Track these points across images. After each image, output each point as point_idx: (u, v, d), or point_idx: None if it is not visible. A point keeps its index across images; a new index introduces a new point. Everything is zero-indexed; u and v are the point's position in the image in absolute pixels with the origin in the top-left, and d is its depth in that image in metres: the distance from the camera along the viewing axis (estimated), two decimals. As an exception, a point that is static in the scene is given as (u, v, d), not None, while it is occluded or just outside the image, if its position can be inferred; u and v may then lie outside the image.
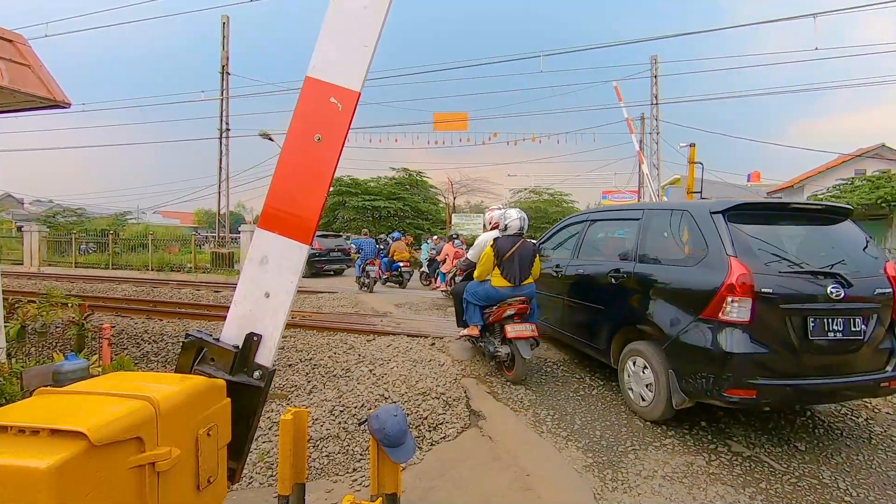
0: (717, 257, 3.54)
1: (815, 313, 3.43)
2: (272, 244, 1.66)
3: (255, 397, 1.62)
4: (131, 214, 35.77)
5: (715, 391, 3.49)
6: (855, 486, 3.44)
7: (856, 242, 3.90)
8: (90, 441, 0.99)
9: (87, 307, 6.86)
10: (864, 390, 3.75)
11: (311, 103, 1.66)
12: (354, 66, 1.63)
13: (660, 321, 3.91)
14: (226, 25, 20.59)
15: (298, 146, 1.67)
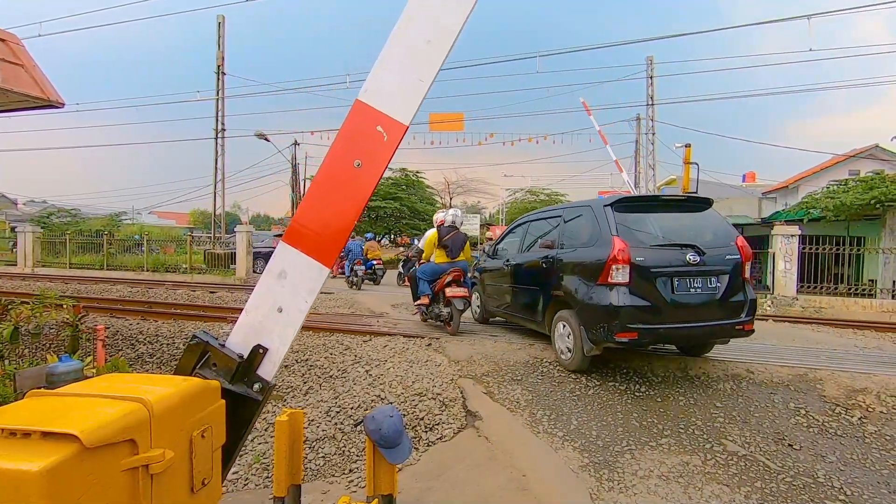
0: (606, 238, 4.75)
1: (678, 275, 4.64)
2: (293, 260, 1.64)
3: (250, 409, 1.60)
4: (126, 215, 35.60)
5: (609, 336, 4.57)
6: (849, 484, 3.46)
7: (716, 224, 5.14)
8: (83, 443, 0.98)
9: (82, 308, 6.81)
10: (725, 332, 4.92)
11: (357, 127, 1.62)
12: (407, 100, 1.61)
13: (573, 290, 5.07)
14: (221, 25, 20.53)
15: (337, 168, 1.64)
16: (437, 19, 1.57)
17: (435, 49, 1.58)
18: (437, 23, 1.57)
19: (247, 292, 12.53)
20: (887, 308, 11.05)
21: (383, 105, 1.60)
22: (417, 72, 1.59)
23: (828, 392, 4.72)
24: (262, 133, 23.37)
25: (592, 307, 4.74)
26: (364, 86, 1.63)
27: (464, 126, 22.08)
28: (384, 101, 1.60)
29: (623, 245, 4.58)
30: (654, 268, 4.60)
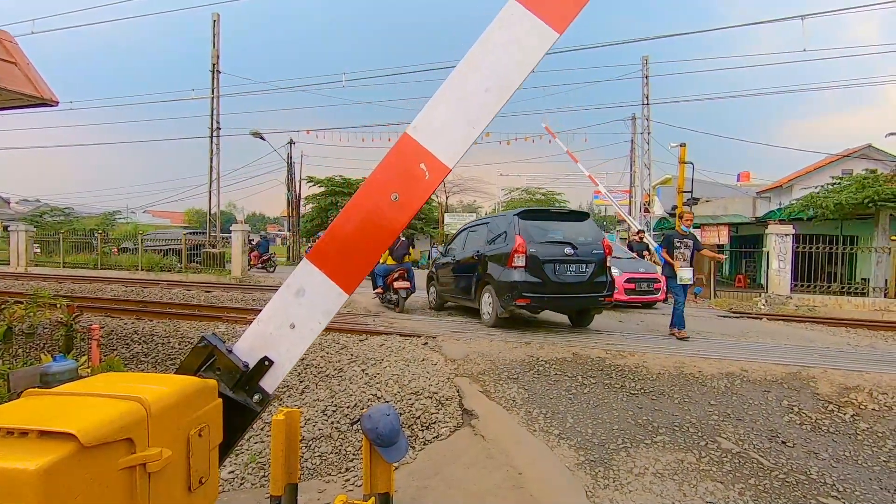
0: (512, 236, 6.92)
1: (559, 262, 6.87)
2: (314, 280, 1.63)
3: (246, 418, 1.59)
4: (121, 214, 35.36)
5: (512, 302, 6.74)
6: (841, 480, 3.49)
7: (589, 230, 7.49)
8: (80, 442, 0.98)
9: (76, 308, 6.77)
10: (592, 302, 7.19)
11: (400, 161, 1.61)
12: (455, 143, 1.59)
13: (492, 273, 7.22)
14: (216, 23, 20.42)
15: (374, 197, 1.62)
16: (500, 71, 1.55)
17: (492, 98, 1.56)
18: (498, 74, 1.55)
19: (242, 291, 12.48)
20: (879, 306, 11.14)
21: (430, 144, 1.58)
22: (470, 118, 1.57)
23: (821, 390, 4.77)
24: (258, 132, 23.29)
25: (503, 283, 6.93)
26: (414, 121, 1.61)
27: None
28: (432, 140, 1.58)
29: (522, 241, 6.80)
30: (542, 256, 6.79)
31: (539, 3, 1.49)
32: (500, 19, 1.55)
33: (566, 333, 7.09)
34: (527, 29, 1.51)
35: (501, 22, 1.54)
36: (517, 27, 1.51)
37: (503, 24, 1.54)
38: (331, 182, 28.73)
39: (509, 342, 6.21)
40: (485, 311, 7.55)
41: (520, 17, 1.50)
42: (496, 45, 1.54)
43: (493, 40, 1.55)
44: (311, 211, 29.89)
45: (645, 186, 23.35)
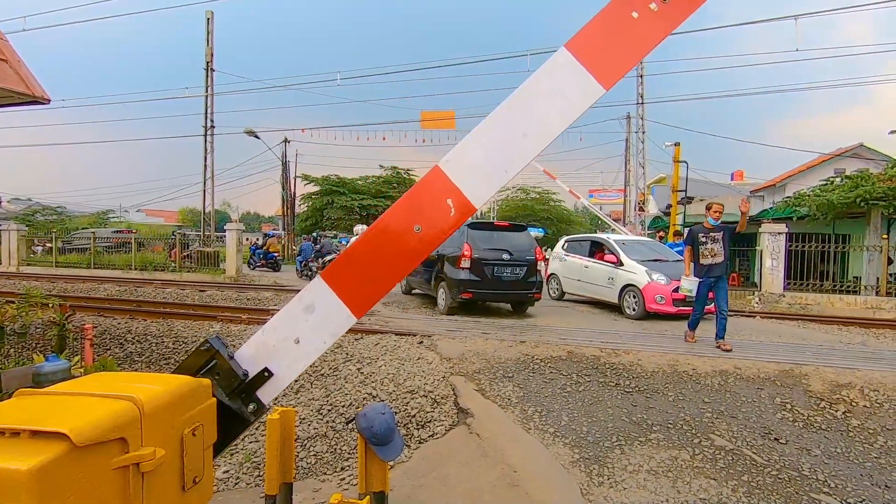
0: (461, 242, 8.52)
1: (498, 265, 8.56)
2: (326, 299, 1.60)
3: (238, 426, 1.58)
4: (114, 213, 35.14)
5: (459, 295, 8.40)
6: (833, 476, 3.53)
7: (525, 239, 9.20)
8: (73, 442, 0.97)
9: (69, 307, 6.73)
10: (523, 297, 9.05)
11: (428, 192, 1.59)
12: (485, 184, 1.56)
13: (446, 271, 8.84)
14: (210, 21, 20.30)
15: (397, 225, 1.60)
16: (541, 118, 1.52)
17: (529, 145, 1.53)
18: (539, 121, 1.52)
19: (237, 290, 12.43)
20: (871, 304, 11.24)
21: (461, 181, 1.56)
22: (505, 161, 1.54)
23: (813, 387, 4.81)
24: (252, 130, 23.20)
25: (452, 279, 8.64)
26: (448, 155, 1.59)
27: (455, 124, 22.06)
28: (463, 178, 1.56)
29: (469, 247, 8.51)
30: (484, 260, 8.52)
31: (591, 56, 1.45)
32: (548, 66, 1.52)
33: (561, 332, 7.12)
34: (574, 80, 1.48)
35: (549, 69, 1.51)
36: (564, 77, 1.48)
37: (551, 71, 1.51)
38: (326, 181, 28.63)
39: (504, 341, 6.23)
40: (440, 300, 9.25)
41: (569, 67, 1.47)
42: (541, 92, 1.51)
43: (538, 86, 1.52)
44: (307, 210, 29.78)
45: (640, 185, 23.44)
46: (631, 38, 1.42)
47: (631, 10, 1.39)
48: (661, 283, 8.56)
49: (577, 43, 1.47)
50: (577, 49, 1.46)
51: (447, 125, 21.95)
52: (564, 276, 11.26)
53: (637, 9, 1.39)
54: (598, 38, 1.45)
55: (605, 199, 36.54)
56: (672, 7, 1.37)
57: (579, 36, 1.48)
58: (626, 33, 1.42)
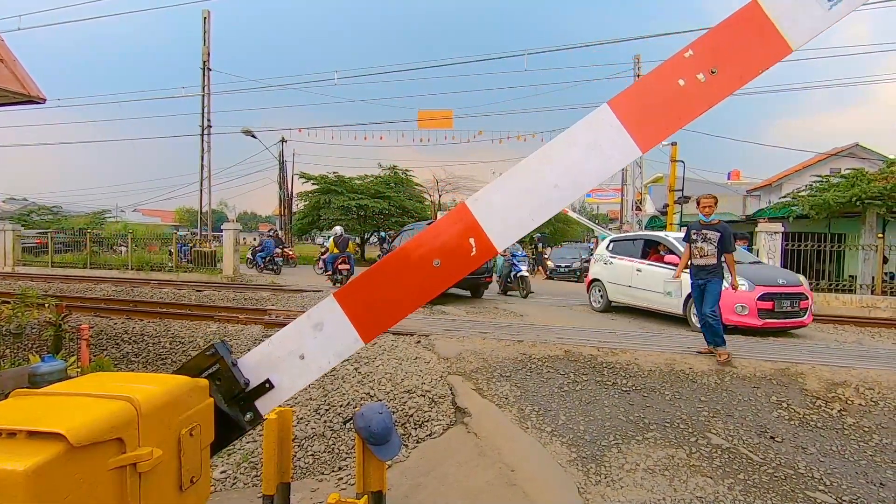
0: None
1: None
2: (336, 319, 1.60)
3: (233, 433, 1.58)
4: (110, 213, 35.00)
5: None
6: (828, 474, 3.55)
7: None
8: (69, 442, 0.97)
9: (65, 307, 6.71)
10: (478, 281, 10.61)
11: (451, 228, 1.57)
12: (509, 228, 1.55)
13: None
14: (207, 20, 20.24)
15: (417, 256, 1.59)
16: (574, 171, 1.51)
17: (558, 195, 1.52)
18: (571, 173, 1.51)
19: (234, 290, 12.41)
20: (867, 303, 11.30)
21: (485, 221, 1.54)
22: (533, 208, 1.53)
23: (809, 385, 4.83)
24: (249, 130, 23.16)
25: None
26: (477, 194, 1.58)
27: (452, 123, 22.06)
28: (488, 218, 1.54)
29: None
30: None
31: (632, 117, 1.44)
32: (588, 120, 1.51)
33: (558, 332, 7.13)
34: (612, 138, 1.46)
35: (589, 123, 1.50)
36: (603, 134, 1.47)
37: (590, 126, 1.50)
38: (324, 179, 28.57)
39: (502, 340, 6.23)
40: None
41: (609, 125, 1.46)
42: (577, 145, 1.50)
43: (576, 139, 1.50)
44: (304, 209, 29.71)
45: (637, 185, 23.48)
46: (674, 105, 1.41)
47: (678, 77, 1.38)
48: (743, 288, 6.74)
49: (619, 102, 1.46)
50: (620, 108, 1.44)
51: (445, 124, 21.95)
52: (610, 282, 9.85)
53: (684, 77, 1.38)
54: (641, 100, 1.44)
55: (603, 199, 36.61)
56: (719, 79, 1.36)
57: (623, 95, 1.47)
58: (669, 100, 1.41)
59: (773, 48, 1.33)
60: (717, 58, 1.36)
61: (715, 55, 1.36)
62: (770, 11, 1.31)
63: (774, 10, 1.31)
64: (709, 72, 1.36)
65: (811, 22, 1.30)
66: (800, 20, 1.30)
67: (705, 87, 1.37)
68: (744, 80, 1.38)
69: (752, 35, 1.33)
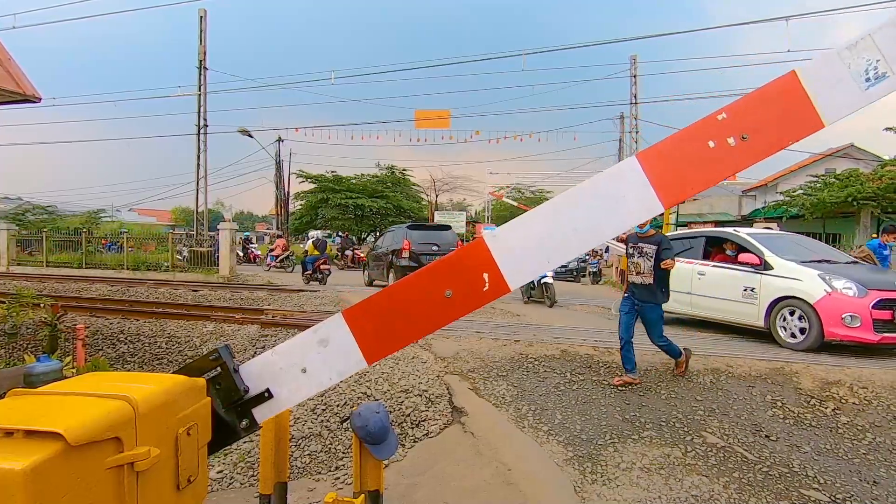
0: (402, 239, 12.28)
1: (429, 255, 11.69)
2: (342, 337, 1.59)
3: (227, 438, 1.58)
4: (106, 212, 34.85)
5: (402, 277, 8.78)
6: (822, 472, 3.58)
7: (450, 236, 13.31)
8: (67, 442, 0.97)
9: (60, 307, 6.68)
10: None
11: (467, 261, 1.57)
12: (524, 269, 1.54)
13: (393, 260, 12.29)
14: (203, 19, 20.17)
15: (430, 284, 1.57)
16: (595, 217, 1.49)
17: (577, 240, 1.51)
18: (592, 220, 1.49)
19: (231, 290, 12.38)
20: (861, 303, 11.36)
21: (502, 259, 1.53)
22: (549, 251, 1.52)
23: (803, 384, 4.86)
24: (246, 129, 23.07)
25: (397, 266, 11.89)
26: (496, 230, 1.58)
27: (450, 123, 22.07)
28: (504, 257, 1.53)
29: (408, 242, 11.88)
30: (419, 251, 11.75)
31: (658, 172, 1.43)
32: (615, 170, 1.51)
33: (555, 331, 7.15)
34: (636, 191, 1.45)
35: (616, 173, 1.50)
36: (628, 186, 1.46)
37: (617, 176, 1.50)
38: (321, 179, 28.53)
39: (499, 340, 6.25)
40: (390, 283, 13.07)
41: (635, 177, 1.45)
42: (601, 193, 1.49)
43: (600, 186, 1.50)
44: (301, 209, 29.66)
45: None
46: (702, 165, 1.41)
47: (709, 139, 1.38)
48: (851, 294, 5.73)
49: (648, 156, 1.46)
50: (647, 162, 1.44)
51: (442, 124, 21.96)
52: None
53: (715, 139, 1.38)
54: (670, 156, 1.44)
55: (599, 199, 36.59)
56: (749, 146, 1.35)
57: (652, 150, 1.47)
58: (698, 160, 1.41)
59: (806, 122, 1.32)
60: (749, 124, 1.35)
61: (748, 121, 1.36)
62: (808, 86, 1.31)
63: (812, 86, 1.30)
64: (740, 137, 1.35)
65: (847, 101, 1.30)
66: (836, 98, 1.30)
67: (734, 152, 1.37)
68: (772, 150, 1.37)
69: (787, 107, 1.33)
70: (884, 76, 1.26)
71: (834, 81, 1.29)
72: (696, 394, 4.74)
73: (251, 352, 6.77)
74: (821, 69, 1.31)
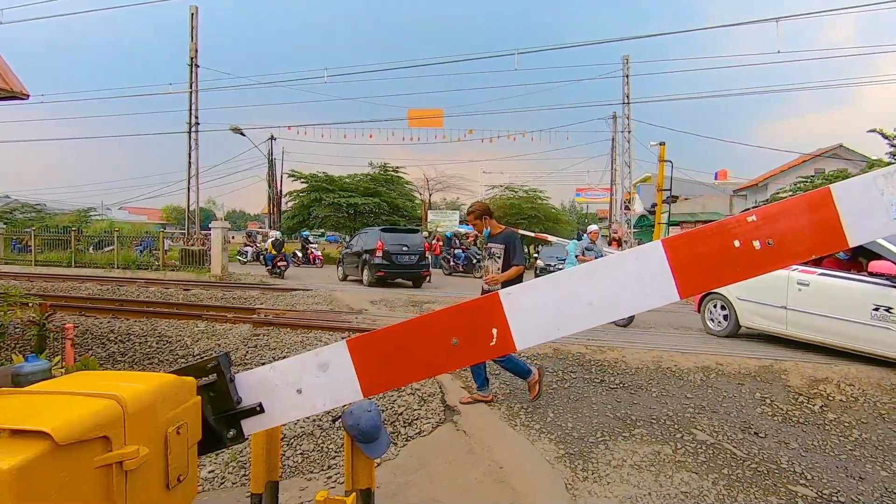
0: (377, 240, 13.84)
1: (399, 254, 13.94)
2: (343, 366, 1.58)
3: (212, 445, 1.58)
4: (95, 211, 34.47)
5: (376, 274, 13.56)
6: (809, 469, 3.62)
7: (419, 237, 15.48)
8: (54, 441, 0.97)
9: (49, 307, 6.61)
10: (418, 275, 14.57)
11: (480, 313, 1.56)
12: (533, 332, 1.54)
13: (367, 258, 13.91)
14: (194, 16, 20.00)
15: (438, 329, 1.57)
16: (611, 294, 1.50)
17: (589, 314, 1.51)
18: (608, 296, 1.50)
19: (223, 290, 12.30)
20: (849, 301, 11.50)
21: (512, 318, 1.54)
22: (562, 319, 1.52)
23: (792, 382, 4.92)
24: (238, 127, 22.93)
25: (371, 264, 13.48)
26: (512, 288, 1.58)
27: (443, 122, 22.07)
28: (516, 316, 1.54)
29: (381, 243, 13.46)
30: (391, 251, 13.47)
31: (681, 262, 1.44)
32: (641, 251, 1.51)
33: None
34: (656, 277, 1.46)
35: (640, 255, 1.50)
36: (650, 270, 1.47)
37: (640, 258, 1.50)
38: (314, 178, 28.40)
39: (491, 338, 6.26)
40: (364, 279, 13.93)
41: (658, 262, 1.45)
42: (623, 271, 1.49)
43: (624, 264, 1.51)
44: (293, 208, 29.51)
45: (626, 184, 23.68)
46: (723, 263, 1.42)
47: (735, 238, 1.39)
48: None
49: (673, 244, 1.46)
50: (672, 250, 1.45)
51: (435, 123, 21.95)
52: (744, 298, 6.56)
53: (741, 239, 1.39)
54: (695, 249, 1.45)
55: (592, 198, 36.79)
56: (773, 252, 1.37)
57: (679, 239, 1.48)
58: (721, 257, 1.41)
59: (832, 240, 1.34)
60: (776, 231, 1.36)
61: (776, 228, 1.37)
62: (840, 205, 1.32)
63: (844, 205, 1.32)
64: (766, 242, 1.36)
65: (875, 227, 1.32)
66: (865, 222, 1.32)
67: (757, 256, 1.38)
68: (795, 261, 1.40)
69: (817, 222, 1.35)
70: None
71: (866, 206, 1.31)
72: (686, 391, 4.79)
73: (243, 351, 6.73)
74: (855, 191, 1.32)
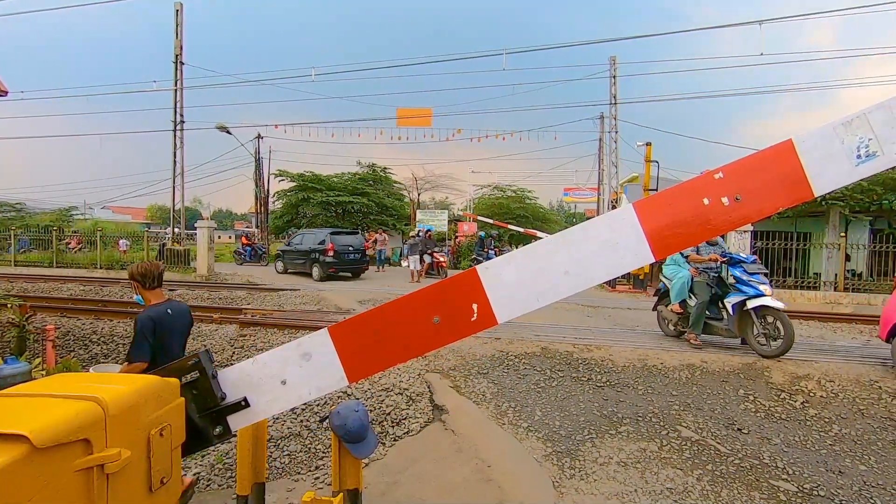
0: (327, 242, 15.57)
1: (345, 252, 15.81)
2: (326, 353, 1.58)
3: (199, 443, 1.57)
4: (78, 210, 33.86)
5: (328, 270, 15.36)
6: (791, 464, 3.69)
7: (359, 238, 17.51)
8: (32, 444, 0.95)
9: (29, 308, 6.48)
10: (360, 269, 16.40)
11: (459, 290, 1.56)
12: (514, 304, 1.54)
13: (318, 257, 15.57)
14: (179, 13, 19.72)
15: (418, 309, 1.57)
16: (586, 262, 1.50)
17: (567, 283, 1.52)
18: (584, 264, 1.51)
19: (209, 290, 12.16)
20: (830, 300, 11.75)
21: (492, 292, 1.54)
22: (540, 290, 1.53)
23: (774, 379, 5.01)
24: (224, 126, 22.64)
25: (323, 261, 15.23)
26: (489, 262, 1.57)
27: (431, 122, 22.02)
28: (495, 289, 1.54)
29: (332, 244, 15.33)
30: (339, 250, 15.36)
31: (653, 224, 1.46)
32: (611, 217, 1.52)
33: (535, 329, 7.21)
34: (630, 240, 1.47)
35: (611, 221, 1.52)
36: (623, 234, 1.48)
37: (612, 223, 1.51)
38: (301, 177, 28.19)
39: (479, 338, 6.27)
40: (315, 274, 15.37)
41: (630, 226, 1.47)
42: (595, 238, 1.50)
43: (595, 231, 1.51)
44: (281, 207, 29.27)
45: (613, 184, 23.87)
46: (694, 221, 1.44)
47: (704, 196, 1.42)
48: None
49: (644, 207, 1.48)
50: (644, 213, 1.46)
51: (423, 122, 21.90)
52: None
53: (710, 197, 1.41)
54: (665, 210, 1.47)
55: (580, 198, 37.01)
56: (741, 207, 1.39)
57: (649, 201, 1.50)
58: (691, 215, 1.44)
59: (798, 191, 1.37)
60: (744, 186, 1.39)
61: (743, 183, 1.40)
62: (803, 155, 1.35)
63: (807, 156, 1.35)
64: (734, 198, 1.39)
65: (837, 175, 1.34)
66: (827, 170, 1.34)
67: (727, 211, 1.40)
68: (763, 214, 1.41)
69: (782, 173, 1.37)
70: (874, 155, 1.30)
71: (827, 155, 1.34)
72: (671, 389, 4.84)
73: (229, 352, 6.67)
74: (816, 141, 1.35)
